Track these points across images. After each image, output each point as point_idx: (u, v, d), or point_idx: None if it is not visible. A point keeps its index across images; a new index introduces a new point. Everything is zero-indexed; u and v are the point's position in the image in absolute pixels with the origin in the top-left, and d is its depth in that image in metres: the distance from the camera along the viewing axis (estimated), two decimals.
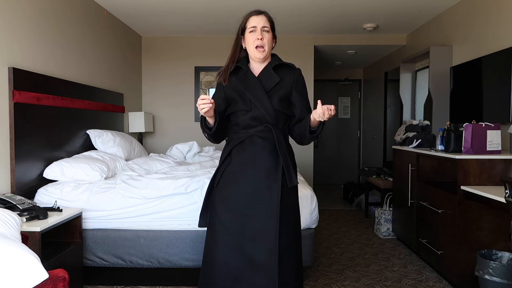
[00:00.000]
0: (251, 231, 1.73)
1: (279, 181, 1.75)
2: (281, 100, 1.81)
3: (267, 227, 1.71)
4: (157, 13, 4.14)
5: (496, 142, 2.60)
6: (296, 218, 1.84)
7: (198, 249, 2.63)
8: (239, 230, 1.74)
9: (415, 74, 4.60)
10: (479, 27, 3.34)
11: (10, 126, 2.50)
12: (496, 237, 2.50)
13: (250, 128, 1.81)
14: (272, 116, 1.79)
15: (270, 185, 1.75)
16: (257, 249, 1.71)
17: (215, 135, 1.84)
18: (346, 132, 7.40)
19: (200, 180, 2.65)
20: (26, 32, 2.71)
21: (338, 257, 3.34)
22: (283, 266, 1.71)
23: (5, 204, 2.26)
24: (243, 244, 1.73)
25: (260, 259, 1.70)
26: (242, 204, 1.76)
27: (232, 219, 1.75)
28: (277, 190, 1.74)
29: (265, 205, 1.74)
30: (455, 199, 2.59)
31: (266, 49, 1.81)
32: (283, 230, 1.73)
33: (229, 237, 1.74)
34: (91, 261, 2.65)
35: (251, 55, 1.84)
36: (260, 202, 1.74)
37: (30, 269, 1.33)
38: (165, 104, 5.18)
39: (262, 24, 1.80)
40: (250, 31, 1.81)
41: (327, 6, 3.89)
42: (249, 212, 1.75)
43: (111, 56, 4.16)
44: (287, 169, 1.77)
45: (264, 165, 1.77)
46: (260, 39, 1.79)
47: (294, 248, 1.79)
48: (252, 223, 1.73)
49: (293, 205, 1.83)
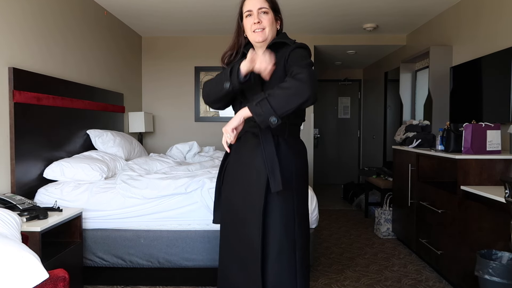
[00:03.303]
0: (242, 235, 1.64)
1: (264, 186, 1.57)
2: (275, 84, 1.54)
3: (252, 235, 1.58)
4: (157, 13, 4.14)
5: (496, 142, 2.60)
6: (290, 225, 1.62)
7: (198, 249, 2.63)
8: (234, 233, 1.67)
9: (415, 74, 4.60)
10: (479, 27, 3.34)
11: (10, 126, 2.50)
12: (496, 237, 2.50)
13: (246, 123, 1.60)
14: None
15: (259, 190, 1.58)
16: (246, 253, 1.62)
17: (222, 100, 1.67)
18: (346, 132, 7.40)
19: (200, 180, 2.65)
20: (26, 32, 2.71)
21: (338, 257, 3.34)
22: (280, 275, 1.58)
23: (5, 204, 2.26)
24: (237, 248, 1.66)
25: (247, 263, 1.62)
26: (236, 207, 1.66)
27: (230, 221, 1.69)
28: (260, 197, 1.57)
29: (252, 212, 1.59)
30: (455, 199, 2.59)
31: (266, 31, 1.63)
32: (272, 237, 1.58)
33: (228, 239, 1.70)
34: (91, 261, 2.65)
35: (251, 40, 1.68)
36: (250, 207, 1.60)
37: (30, 269, 1.33)
38: (165, 104, 5.18)
39: (258, 5, 1.63)
40: (246, 16, 1.65)
41: (327, 6, 3.89)
42: (241, 216, 1.63)
43: (111, 56, 4.16)
44: (271, 172, 1.54)
45: (254, 166, 1.60)
46: (258, 23, 1.61)
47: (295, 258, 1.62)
48: (242, 229, 1.63)
49: (288, 211, 1.61)
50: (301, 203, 1.67)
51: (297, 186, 1.64)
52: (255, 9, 1.63)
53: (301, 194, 1.67)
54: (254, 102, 1.45)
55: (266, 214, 1.59)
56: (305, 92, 1.42)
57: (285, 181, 1.58)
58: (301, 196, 1.67)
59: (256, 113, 1.44)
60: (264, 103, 1.42)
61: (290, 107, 1.43)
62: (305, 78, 1.42)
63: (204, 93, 1.74)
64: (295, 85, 1.42)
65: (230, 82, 1.54)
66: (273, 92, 1.44)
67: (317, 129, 7.21)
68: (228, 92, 1.58)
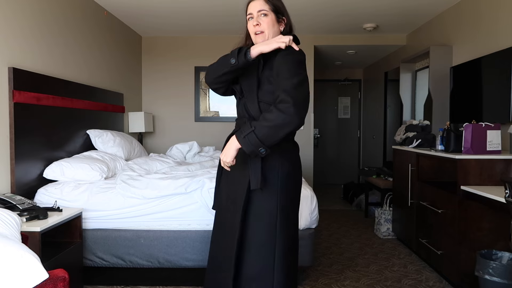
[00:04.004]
0: (224, 231, 1.72)
1: (245, 184, 1.62)
2: (269, 91, 1.63)
3: (232, 233, 1.65)
4: (157, 13, 4.14)
5: (496, 142, 2.60)
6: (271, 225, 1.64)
7: (198, 249, 2.63)
8: (219, 227, 1.76)
9: (415, 74, 4.60)
10: (479, 27, 3.34)
11: (10, 126, 2.50)
12: (496, 237, 2.50)
13: (240, 119, 1.74)
14: (254, 108, 1.65)
15: (242, 187, 1.64)
16: (227, 249, 1.69)
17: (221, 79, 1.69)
18: (346, 132, 7.40)
19: (200, 180, 2.65)
20: (26, 32, 2.71)
21: (338, 257, 3.34)
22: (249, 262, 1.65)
23: (5, 204, 2.26)
24: (220, 241, 1.74)
25: (226, 259, 1.69)
26: (222, 202, 1.76)
27: (218, 214, 1.79)
28: (242, 194, 1.63)
29: (234, 207, 1.65)
30: (455, 199, 2.59)
31: (266, 33, 1.66)
32: (251, 231, 1.63)
33: (216, 231, 1.78)
34: (91, 261, 2.65)
35: (254, 42, 1.71)
36: (232, 203, 1.67)
37: (30, 269, 1.33)
38: (165, 104, 5.18)
39: (258, 8, 1.66)
40: (248, 19, 1.71)
41: (327, 6, 3.89)
42: (224, 212, 1.73)
43: (111, 56, 4.16)
44: (252, 169, 1.60)
45: (241, 163, 1.65)
46: (257, 25, 1.66)
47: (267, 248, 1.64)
48: (224, 224, 1.72)
49: (270, 209, 1.63)
50: (287, 204, 1.68)
51: (281, 188, 1.65)
52: (255, 12, 1.68)
53: (285, 195, 1.67)
54: (242, 135, 1.52)
55: (248, 209, 1.64)
56: (293, 123, 1.48)
57: (269, 182, 1.63)
58: (286, 198, 1.68)
59: (245, 146, 1.52)
60: (252, 137, 1.49)
61: (278, 138, 1.50)
62: (292, 111, 1.46)
63: (206, 72, 1.76)
64: (281, 118, 1.47)
65: (237, 59, 1.57)
66: (259, 125, 1.50)
67: (317, 129, 7.21)
68: (230, 71, 1.61)
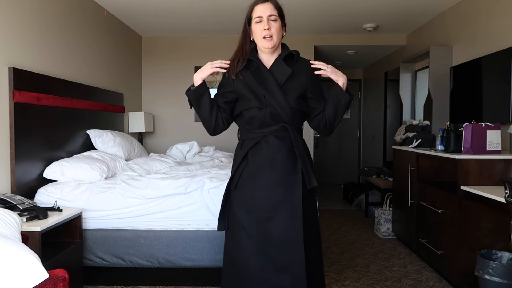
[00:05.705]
0: (273, 235, 1.67)
1: (300, 183, 1.69)
2: (297, 98, 1.72)
3: (291, 231, 1.66)
4: (157, 13, 4.14)
5: (496, 142, 2.60)
6: (316, 219, 1.80)
7: (198, 249, 2.63)
8: (261, 234, 1.68)
9: (415, 74, 4.60)
10: (479, 27, 3.34)
11: (10, 126, 2.50)
12: (496, 237, 2.50)
13: (265, 128, 1.72)
14: (288, 114, 1.70)
15: (291, 188, 1.69)
16: (282, 252, 1.66)
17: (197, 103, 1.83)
18: (346, 132, 7.40)
19: (200, 180, 2.65)
20: (26, 32, 2.71)
21: (338, 257, 3.34)
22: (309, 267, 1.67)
23: (5, 204, 2.26)
24: (266, 248, 1.67)
25: (286, 263, 1.65)
26: (262, 208, 1.69)
27: (252, 223, 1.70)
28: (298, 193, 1.68)
29: (286, 209, 1.67)
30: (455, 199, 2.59)
31: (275, 38, 1.68)
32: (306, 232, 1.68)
33: (251, 242, 1.69)
34: (91, 261, 2.65)
35: (260, 46, 1.73)
36: (281, 205, 1.68)
37: (30, 269, 1.33)
38: (165, 104, 5.18)
39: (269, 12, 1.67)
40: (256, 22, 1.69)
41: (327, 6, 3.89)
42: (269, 216, 1.68)
43: (111, 56, 4.16)
44: (305, 170, 1.70)
45: (282, 167, 1.70)
46: (267, 29, 1.67)
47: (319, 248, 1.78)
48: (274, 227, 1.67)
49: (313, 206, 1.79)
50: (315, 200, 1.85)
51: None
52: (265, 16, 1.68)
53: (314, 191, 1.81)
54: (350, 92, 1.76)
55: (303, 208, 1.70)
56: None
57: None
58: (314, 193, 1.82)
59: (348, 91, 1.75)
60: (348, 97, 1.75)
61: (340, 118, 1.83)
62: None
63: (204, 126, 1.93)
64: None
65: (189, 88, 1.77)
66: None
67: None
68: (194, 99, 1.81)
